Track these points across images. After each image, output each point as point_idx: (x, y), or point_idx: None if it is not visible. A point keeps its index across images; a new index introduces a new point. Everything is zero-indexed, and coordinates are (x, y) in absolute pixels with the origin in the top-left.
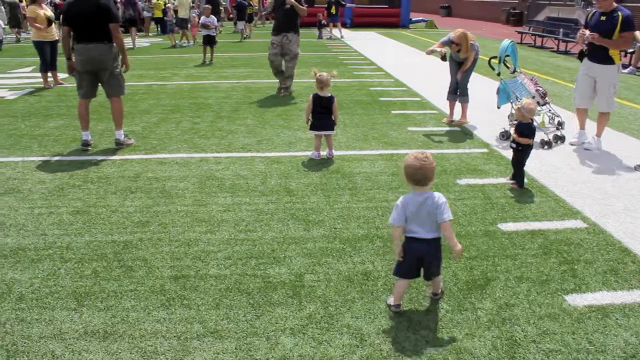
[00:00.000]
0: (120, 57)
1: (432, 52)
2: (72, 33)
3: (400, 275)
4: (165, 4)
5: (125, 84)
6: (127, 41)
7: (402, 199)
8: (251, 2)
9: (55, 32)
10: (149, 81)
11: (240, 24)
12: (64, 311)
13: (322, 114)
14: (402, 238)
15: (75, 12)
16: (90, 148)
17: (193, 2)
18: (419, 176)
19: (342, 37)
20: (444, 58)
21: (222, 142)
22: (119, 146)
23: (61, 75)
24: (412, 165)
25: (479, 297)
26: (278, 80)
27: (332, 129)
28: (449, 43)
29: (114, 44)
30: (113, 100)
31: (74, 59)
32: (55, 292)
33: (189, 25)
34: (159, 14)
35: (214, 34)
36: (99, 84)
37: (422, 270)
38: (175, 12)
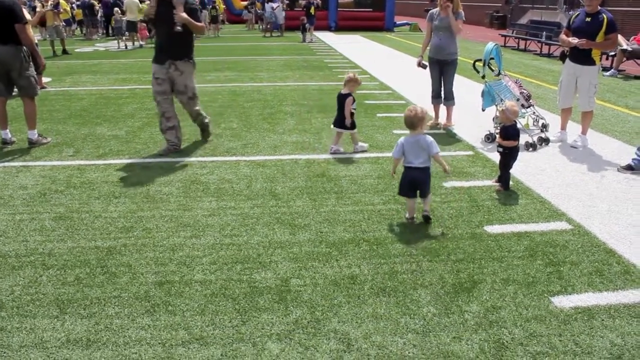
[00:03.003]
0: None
1: (421, 64)
2: None
3: (403, 195)
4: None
5: (110, 87)
6: (111, 44)
7: (401, 139)
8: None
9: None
10: (133, 85)
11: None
12: (46, 319)
13: (339, 110)
14: (400, 167)
15: None
16: (10, 146)
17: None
18: (408, 122)
19: (312, 40)
20: (424, 66)
21: (206, 146)
22: (32, 145)
23: (45, 79)
24: (405, 115)
25: (466, 300)
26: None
27: (343, 127)
28: (435, 14)
29: (23, 46)
30: (25, 100)
31: None
32: (36, 300)
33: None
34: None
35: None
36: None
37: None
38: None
